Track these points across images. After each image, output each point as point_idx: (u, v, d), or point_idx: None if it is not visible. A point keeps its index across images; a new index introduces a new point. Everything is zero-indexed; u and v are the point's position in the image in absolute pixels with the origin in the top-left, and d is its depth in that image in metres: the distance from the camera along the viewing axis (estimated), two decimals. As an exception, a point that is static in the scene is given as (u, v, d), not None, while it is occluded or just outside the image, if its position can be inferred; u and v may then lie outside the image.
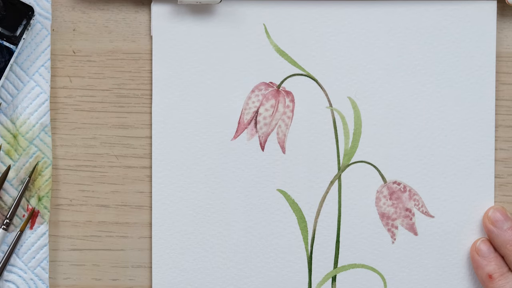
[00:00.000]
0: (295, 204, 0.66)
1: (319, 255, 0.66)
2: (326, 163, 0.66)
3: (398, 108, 0.66)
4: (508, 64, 0.67)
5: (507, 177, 0.67)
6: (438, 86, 0.66)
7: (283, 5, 0.65)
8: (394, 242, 0.66)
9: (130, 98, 0.66)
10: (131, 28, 0.66)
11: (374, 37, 0.66)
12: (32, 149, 0.65)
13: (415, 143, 0.66)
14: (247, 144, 0.66)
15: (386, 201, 0.66)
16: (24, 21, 0.64)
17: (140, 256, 0.66)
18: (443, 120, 0.66)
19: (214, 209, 0.66)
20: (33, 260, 0.65)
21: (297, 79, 0.66)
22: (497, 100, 0.67)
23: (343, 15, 0.66)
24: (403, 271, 0.66)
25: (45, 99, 0.65)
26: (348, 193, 0.66)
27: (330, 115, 0.66)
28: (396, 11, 0.66)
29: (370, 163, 0.66)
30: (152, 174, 0.65)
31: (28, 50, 0.65)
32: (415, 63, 0.66)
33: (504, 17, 0.67)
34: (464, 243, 0.66)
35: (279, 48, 0.66)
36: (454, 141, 0.66)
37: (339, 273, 0.66)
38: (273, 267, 0.66)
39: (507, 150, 0.67)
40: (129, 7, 0.66)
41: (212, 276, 0.66)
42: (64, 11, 0.66)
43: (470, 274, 0.66)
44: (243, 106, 0.66)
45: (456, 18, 0.66)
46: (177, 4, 0.65)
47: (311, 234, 0.66)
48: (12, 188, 0.65)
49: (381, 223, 0.66)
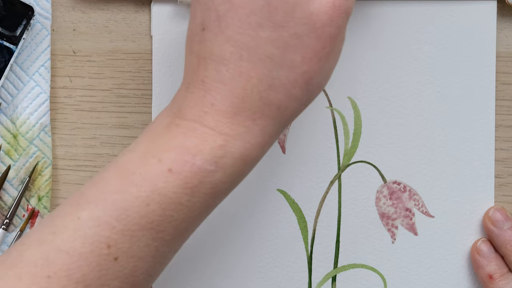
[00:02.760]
0: (295, 204, 0.66)
1: (319, 255, 0.66)
2: (326, 163, 0.66)
3: (398, 108, 0.66)
4: (508, 64, 0.67)
5: (507, 177, 0.67)
6: (438, 86, 0.66)
7: (283, 5, 0.65)
8: (394, 242, 0.66)
9: (130, 98, 0.66)
10: (131, 28, 0.66)
11: (374, 37, 0.66)
12: (32, 149, 0.65)
13: (415, 143, 0.66)
14: (247, 144, 0.66)
15: (386, 201, 0.66)
16: (24, 21, 0.64)
17: (140, 256, 0.66)
18: (443, 120, 0.66)
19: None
20: (33, 260, 0.65)
21: (297, 79, 0.66)
22: (497, 100, 0.67)
23: (343, 15, 0.66)
24: (403, 271, 0.66)
25: (45, 99, 0.65)
26: (348, 193, 0.66)
27: (330, 115, 0.66)
28: (396, 11, 0.66)
29: (370, 163, 0.66)
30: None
31: (28, 50, 0.65)
32: (415, 63, 0.66)
33: (504, 17, 0.67)
34: (464, 243, 0.66)
35: (279, 48, 0.66)
36: (454, 141, 0.66)
37: (339, 273, 0.66)
38: (273, 267, 0.66)
39: (507, 150, 0.67)
40: (129, 7, 0.66)
41: (212, 276, 0.66)
42: (64, 11, 0.66)
43: (470, 274, 0.66)
44: (243, 106, 0.66)
45: (456, 18, 0.66)
46: (177, 4, 0.65)
47: (311, 234, 0.66)
48: (12, 188, 0.65)
49: (381, 223, 0.66)
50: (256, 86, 0.50)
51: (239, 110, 0.50)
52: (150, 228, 0.50)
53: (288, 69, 0.51)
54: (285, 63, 0.50)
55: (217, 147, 0.50)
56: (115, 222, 0.50)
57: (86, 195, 0.51)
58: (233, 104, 0.50)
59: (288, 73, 0.51)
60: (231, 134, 0.51)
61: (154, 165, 0.51)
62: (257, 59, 0.50)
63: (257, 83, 0.50)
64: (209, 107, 0.51)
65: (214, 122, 0.50)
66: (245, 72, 0.50)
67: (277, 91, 0.51)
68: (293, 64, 0.51)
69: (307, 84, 0.51)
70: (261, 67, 0.50)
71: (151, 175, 0.50)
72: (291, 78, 0.51)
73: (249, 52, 0.50)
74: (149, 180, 0.50)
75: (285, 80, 0.51)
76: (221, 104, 0.50)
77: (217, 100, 0.50)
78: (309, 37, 0.50)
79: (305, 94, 0.52)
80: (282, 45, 0.50)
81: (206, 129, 0.50)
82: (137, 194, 0.50)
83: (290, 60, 0.50)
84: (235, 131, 0.50)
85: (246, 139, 0.51)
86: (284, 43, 0.50)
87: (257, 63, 0.50)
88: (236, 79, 0.50)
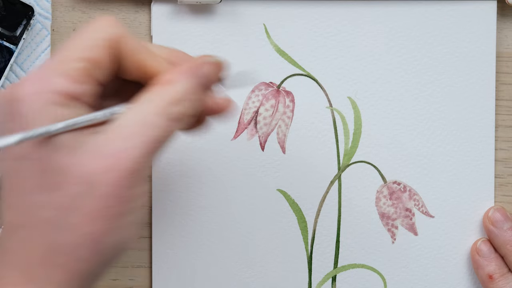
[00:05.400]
0: (295, 204, 0.66)
1: (319, 255, 0.66)
2: (326, 163, 0.66)
3: (398, 108, 0.66)
4: (508, 64, 0.67)
5: (507, 177, 0.67)
6: (438, 86, 0.66)
7: (283, 5, 0.65)
8: (394, 242, 0.66)
9: (130, 98, 0.66)
10: (131, 28, 0.66)
11: (374, 37, 0.66)
12: (32, 149, 0.65)
13: (415, 143, 0.66)
14: (247, 144, 0.66)
15: (386, 201, 0.66)
16: (24, 21, 0.64)
17: (140, 256, 0.66)
18: (443, 120, 0.66)
19: (214, 209, 0.66)
20: (32, 260, 0.65)
21: (297, 79, 0.66)
22: (497, 100, 0.67)
23: (343, 15, 0.66)
24: (403, 271, 0.66)
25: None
26: (348, 193, 0.66)
27: (330, 115, 0.66)
28: (396, 11, 0.66)
29: (370, 163, 0.66)
30: (152, 174, 0.65)
31: (28, 50, 0.65)
32: (415, 63, 0.66)
33: (504, 17, 0.67)
34: (464, 243, 0.66)
35: (279, 48, 0.66)
36: (454, 141, 0.66)
37: (339, 273, 0.66)
38: (273, 267, 0.66)
39: (507, 150, 0.67)
40: (129, 7, 0.66)
41: (212, 276, 0.66)
42: (64, 11, 0.66)
43: (470, 274, 0.66)
44: (243, 106, 0.66)
45: (456, 18, 0.66)
46: (177, 4, 0.65)
47: (311, 234, 0.66)
48: (12, 188, 0.65)
49: (381, 223, 0.66)
50: (38, 252, 0.48)
51: (29, 279, 0.48)
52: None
53: (69, 232, 0.47)
54: (65, 226, 0.47)
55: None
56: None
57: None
58: (22, 275, 0.48)
59: (70, 235, 0.47)
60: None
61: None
62: (34, 224, 0.48)
63: (39, 249, 0.48)
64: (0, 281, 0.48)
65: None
66: (26, 239, 0.48)
67: (62, 255, 0.47)
68: (74, 226, 0.47)
69: (96, 244, 0.48)
70: (39, 232, 0.48)
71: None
72: (74, 240, 0.47)
73: (26, 219, 0.48)
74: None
75: (68, 243, 0.47)
76: (11, 276, 0.48)
77: (6, 272, 0.48)
78: (90, 197, 0.47)
79: (97, 255, 0.48)
80: (58, 208, 0.47)
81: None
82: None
83: (71, 223, 0.47)
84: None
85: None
86: (61, 205, 0.47)
87: (35, 229, 0.48)
88: (19, 248, 0.48)
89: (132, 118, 0.48)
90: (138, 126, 0.48)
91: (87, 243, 0.48)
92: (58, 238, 0.48)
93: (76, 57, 0.49)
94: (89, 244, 0.48)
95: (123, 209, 0.48)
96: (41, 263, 0.48)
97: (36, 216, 0.48)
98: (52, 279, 0.48)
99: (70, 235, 0.47)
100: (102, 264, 0.49)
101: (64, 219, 0.47)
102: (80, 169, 0.47)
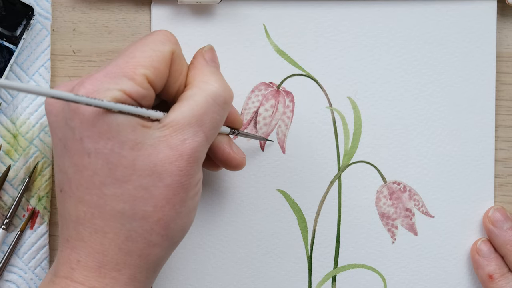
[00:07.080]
0: (295, 204, 0.66)
1: (319, 255, 0.66)
2: (326, 163, 0.66)
3: (398, 108, 0.66)
4: (508, 64, 0.67)
5: (507, 177, 0.67)
6: (438, 86, 0.66)
7: (283, 5, 0.65)
8: (394, 242, 0.66)
9: (130, 98, 0.66)
10: (131, 28, 0.66)
11: (374, 37, 0.66)
12: (32, 149, 0.65)
13: (415, 143, 0.66)
14: (247, 144, 0.66)
15: (386, 201, 0.66)
16: (24, 21, 0.64)
17: (140, 256, 0.66)
18: (443, 120, 0.66)
19: (214, 209, 0.66)
20: (33, 260, 0.65)
21: (297, 79, 0.66)
22: (497, 100, 0.67)
23: (343, 15, 0.66)
24: (403, 271, 0.66)
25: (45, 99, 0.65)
26: (348, 193, 0.66)
27: (330, 115, 0.66)
28: (396, 11, 0.66)
29: (370, 163, 0.66)
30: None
31: (28, 50, 0.65)
32: (415, 63, 0.66)
33: (504, 17, 0.67)
34: (464, 243, 0.66)
35: (279, 48, 0.66)
36: (454, 141, 0.66)
37: (339, 273, 0.66)
38: (273, 267, 0.66)
39: (507, 150, 0.67)
40: (129, 7, 0.66)
41: (212, 276, 0.66)
42: (64, 11, 0.66)
43: (470, 274, 0.66)
44: (243, 106, 0.66)
45: (456, 18, 0.66)
46: (177, 4, 0.65)
47: (311, 234, 0.66)
48: (12, 188, 0.65)
49: (381, 223, 0.66)
50: (113, 240, 0.53)
51: (102, 264, 0.53)
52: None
53: (141, 220, 0.53)
54: (137, 214, 0.53)
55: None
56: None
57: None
58: (96, 259, 0.53)
59: (142, 223, 0.53)
60: (99, 287, 0.53)
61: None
62: (108, 215, 0.53)
63: (113, 237, 0.53)
64: (76, 263, 0.53)
65: (83, 277, 0.53)
66: (99, 229, 0.53)
67: (135, 241, 0.53)
68: (145, 214, 0.53)
69: (165, 230, 0.53)
70: (113, 222, 0.53)
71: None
72: (146, 227, 0.53)
73: (99, 210, 0.53)
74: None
75: (140, 230, 0.53)
76: (86, 260, 0.53)
77: (82, 256, 0.53)
78: (157, 187, 0.52)
79: (166, 239, 0.54)
80: (130, 199, 0.52)
81: (77, 284, 0.53)
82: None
83: (141, 211, 0.53)
84: (102, 283, 0.53)
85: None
86: (131, 197, 0.52)
87: (108, 219, 0.53)
88: (93, 236, 0.53)
89: (184, 112, 0.53)
90: (192, 117, 0.53)
91: (158, 229, 0.53)
92: (131, 226, 0.52)
93: (142, 64, 0.53)
94: (160, 230, 0.53)
95: (186, 195, 0.53)
96: (116, 250, 0.53)
97: (109, 208, 0.52)
98: (128, 264, 0.53)
99: (142, 222, 0.53)
100: (170, 248, 0.55)
101: (136, 209, 0.52)
102: (147, 162, 0.52)
